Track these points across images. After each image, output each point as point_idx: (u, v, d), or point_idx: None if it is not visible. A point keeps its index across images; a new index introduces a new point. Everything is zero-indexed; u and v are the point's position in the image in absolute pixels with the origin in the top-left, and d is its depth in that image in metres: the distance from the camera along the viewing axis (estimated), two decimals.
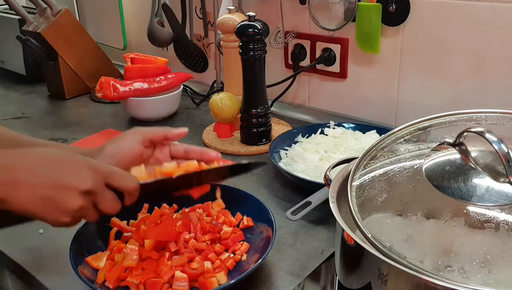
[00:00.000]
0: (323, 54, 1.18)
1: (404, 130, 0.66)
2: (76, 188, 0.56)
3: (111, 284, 0.68)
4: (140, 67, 1.29)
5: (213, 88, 1.41)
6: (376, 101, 1.15)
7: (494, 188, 0.53)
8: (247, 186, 0.95)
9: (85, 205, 0.57)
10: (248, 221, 0.79)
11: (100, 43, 1.57)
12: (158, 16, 1.43)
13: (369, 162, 0.62)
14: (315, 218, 0.85)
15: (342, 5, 1.08)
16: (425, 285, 0.47)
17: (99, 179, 0.58)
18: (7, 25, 1.57)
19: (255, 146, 1.10)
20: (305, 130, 1.09)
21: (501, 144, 0.53)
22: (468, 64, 0.99)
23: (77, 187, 0.56)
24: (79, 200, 0.56)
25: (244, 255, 0.74)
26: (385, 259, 0.48)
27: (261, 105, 1.09)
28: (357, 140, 1.02)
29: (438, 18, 1.00)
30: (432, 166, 0.58)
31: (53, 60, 1.45)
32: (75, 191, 0.56)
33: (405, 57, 1.07)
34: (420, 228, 0.53)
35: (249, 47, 1.03)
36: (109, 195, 0.59)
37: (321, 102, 1.26)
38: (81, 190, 0.56)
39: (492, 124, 0.63)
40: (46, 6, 1.42)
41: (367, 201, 0.57)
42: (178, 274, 0.68)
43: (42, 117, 1.37)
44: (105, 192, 0.59)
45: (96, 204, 0.59)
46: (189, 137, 1.18)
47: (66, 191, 0.55)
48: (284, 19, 1.21)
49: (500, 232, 0.49)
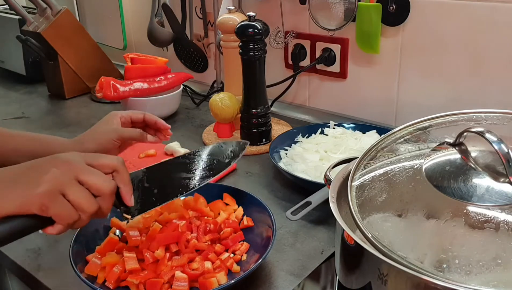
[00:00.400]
0: (323, 54, 1.18)
1: (404, 130, 0.66)
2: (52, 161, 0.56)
3: (111, 284, 0.68)
4: (140, 67, 1.29)
5: (213, 88, 1.41)
6: (376, 101, 1.15)
7: (494, 188, 0.53)
8: (247, 186, 0.95)
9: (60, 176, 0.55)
10: (248, 221, 0.79)
11: (100, 43, 1.57)
12: (158, 16, 1.43)
13: (369, 162, 0.62)
14: (315, 218, 0.85)
15: (342, 5, 1.08)
16: (425, 285, 0.47)
17: (79, 157, 0.58)
18: (7, 25, 1.57)
19: (255, 146, 1.10)
20: (305, 130, 1.09)
21: (501, 144, 0.53)
22: (468, 64, 0.99)
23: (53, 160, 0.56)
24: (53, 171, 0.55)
25: (244, 255, 0.74)
26: (385, 259, 0.48)
27: (261, 105, 1.09)
28: (357, 140, 1.02)
29: (438, 18, 1.00)
30: (432, 166, 0.58)
31: (53, 60, 1.46)
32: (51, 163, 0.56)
33: (405, 57, 1.07)
34: (420, 228, 0.53)
35: (249, 47, 1.03)
36: (95, 170, 0.58)
37: (321, 102, 1.26)
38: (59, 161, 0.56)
39: (492, 124, 0.63)
40: (46, 6, 1.42)
41: (367, 201, 0.57)
42: (178, 274, 0.68)
43: (42, 117, 1.37)
44: (89, 168, 0.57)
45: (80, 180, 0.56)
46: (189, 137, 1.19)
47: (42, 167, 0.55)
48: (284, 19, 1.21)
49: (500, 232, 0.49)
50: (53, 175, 0.54)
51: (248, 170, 1.02)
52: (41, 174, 0.54)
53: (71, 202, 0.55)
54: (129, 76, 1.27)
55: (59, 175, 0.54)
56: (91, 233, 0.76)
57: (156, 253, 0.70)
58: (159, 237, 0.72)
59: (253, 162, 1.05)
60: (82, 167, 0.57)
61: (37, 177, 0.54)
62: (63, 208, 0.54)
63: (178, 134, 1.22)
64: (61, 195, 0.54)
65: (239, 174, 1.01)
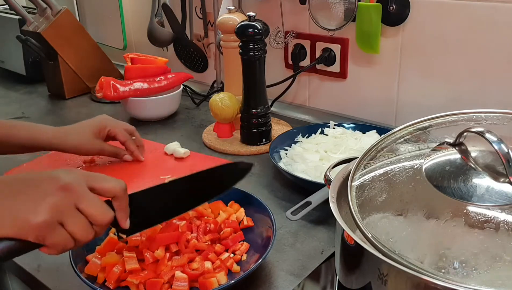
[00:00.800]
0: (323, 54, 1.18)
1: (404, 130, 0.66)
2: (50, 184, 0.54)
3: (111, 284, 0.68)
4: (140, 67, 1.29)
5: (213, 88, 1.41)
6: (376, 101, 1.15)
7: (494, 188, 0.53)
8: (247, 186, 0.95)
9: (62, 202, 0.53)
10: (248, 221, 0.79)
11: (100, 43, 1.57)
12: (158, 16, 1.43)
13: (369, 162, 0.62)
14: (315, 218, 0.85)
15: (342, 5, 1.08)
16: (425, 285, 0.47)
17: (81, 179, 0.56)
18: (7, 25, 1.57)
19: (255, 146, 1.10)
20: (305, 130, 1.09)
21: (501, 144, 0.53)
22: (468, 64, 0.99)
23: (51, 183, 0.54)
24: (55, 196, 0.53)
25: (244, 255, 0.74)
26: (385, 259, 0.48)
27: (261, 105, 1.09)
28: (357, 140, 1.02)
29: (438, 18, 1.00)
30: (432, 166, 0.58)
31: (53, 60, 1.46)
32: (50, 187, 0.53)
33: (405, 57, 1.07)
34: (420, 228, 0.53)
35: (249, 47, 1.03)
36: (95, 198, 0.56)
37: (321, 102, 1.26)
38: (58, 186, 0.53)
39: (492, 124, 0.63)
40: (46, 6, 1.42)
41: (367, 201, 0.57)
42: (178, 274, 0.68)
43: (42, 117, 1.37)
44: (89, 194, 0.56)
45: (79, 207, 0.54)
46: (189, 137, 1.19)
47: (39, 188, 0.53)
48: (284, 19, 1.21)
49: (500, 232, 0.49)
50: (52, 202, 0.52)
51: None
52: (41, 198, 0.52)
53: (68, 232, 0.54)
54: (129, 76, 1.27)
55: (59, 202, 0.53)
56: None
57: (156, 253, 0.70)
58: (159, 237, 0.72)
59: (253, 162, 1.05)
60: (83, 194, 0.55)
61: (36, 200, 0.52)
62: (59, 238, 0.53)
63: (178, 134, 1.22)
64: (59, 225, 0.53)
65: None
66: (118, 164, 1.05)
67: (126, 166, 1.04)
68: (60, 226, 0.53)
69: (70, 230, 0.54)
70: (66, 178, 0.54)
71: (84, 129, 0.96)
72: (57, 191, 0.53)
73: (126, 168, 1.04)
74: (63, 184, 0.53)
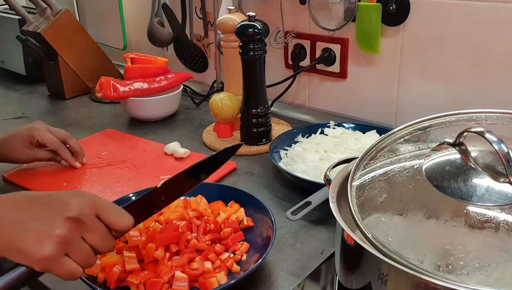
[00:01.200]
0: (323, 54, 1.18)
1: (404, 130, 0.66)
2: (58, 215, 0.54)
3: (111, 284, 0.68)
4: (140, 67, 1.29)
5: (213, 88, 1.41)
6: (376, 101, 1.15)
7: (494, 188, 0.53)
8: (247, 186, 0.95)
9: (69, 234, 0.53)
10: (248, 221, 0.79)
11: (100, 43, 1.57)
12: (158, 16, 1.43)
13: (369, 162, 0.62)
14: (315, 218, 0.85)
15: (342, 5, 1.08)
16: (425, 285, 0.47)
17: (89, 209, 0.56)
18: (7, 25, 1.57)
19: (255, 146, 1.10)
20: (305, 130, 1.09)
21: (501, 144, 0.53)
22: (468, 64, 0.99)
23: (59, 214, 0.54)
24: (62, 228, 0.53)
25: (244, 255, 0.74)
26: (385, 259, 0.48)
27: (261, 105, 1.09)
28: (357, 140, 1.02)
29: (438, 18, 1.00)
30: (432, 166, 0.58)
31: (53, 60, 1.46)
32: (58, 218, 0.54)
33: (405, 57, 1.07)
34: (420, 228, 0.53)
35: (249, 47, 1.03)
36: (100, 227, 0.57)
37: (321, 102, 1.26)
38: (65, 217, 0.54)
39: (492, 124, 0.63)
40: (46, 6, 1.42)
41: (367, 201, 0.57)
42: (178, 274, 0.68)
43: (42, 117, 1.37)
44: (96, 223, 0.56)
45: (84, 237, 0.55)
46: (189, 137, 1.19)
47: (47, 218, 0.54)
48: (284, 19, 1.21)
49: (500, 232, 0.49)
50: (59, 235, 0.53)
51: (248, 170, 1.02)
52: (48, 230, 0.53)
53: (73, 261, 0.55)
54: (129, 76, 1.27)
55: (66, 235, 0.53)
56: None
57: (156, 253, 0.70)
58: (159, 237, 0.72)
59: (253, 162, 1.05)
60: (89, 226, 0.55)
61: (43, 233, 0.53)
62: (64, 269, 0.54)
63: (178, 134, 1.22)
64: (64, 256, 0.54)
65: (239, 174, 1.01)
66: (118, 165, 1.05)
67: (125, 167, 1.04)
68: (65, 257, 0.54)
69: (74, 259, 0.54)
70: (75, 207, 0.54)
71: (13, 140, 0.98)
72: (64, 223, 0.53)
73: (126, 168, 1.04)
74: (71, 215, 0.54)
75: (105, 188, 0.96)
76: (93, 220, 0.56)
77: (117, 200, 0.83)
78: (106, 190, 0.96)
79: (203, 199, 0.83)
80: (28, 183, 0.99)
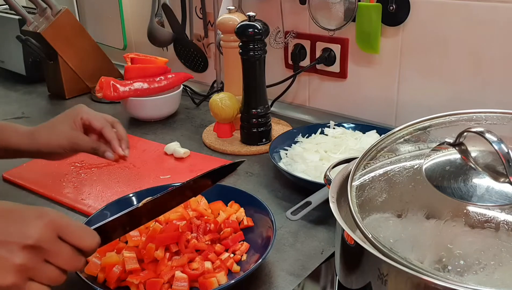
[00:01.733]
0: (323, 54, 1.18)
1: (404, 130, 0.66)
2: (16, 242, 0.51)
3: (111, 284, 0.68)
4: (140, 67, 1.29)
5: (213, 88, 1.41)
6: (376, 101, 1.15)
7: (494, 188, 0.53)
8: (247, 186, 0.95)
9: (28, 262, 0.51)
10: (248, 221, 0.79)
11: (100, 43, 1.57)
12: (158, 16, 1.43)
13: (369, 162, 0.62)
14: (315, 218, 0.85)
15: (342, 5, 1.08)
16: (425, 285, 0.47)
17: (50, 233, 0.53)
18: (7, 25, 1.57)
19: (255, 146, 1.10)
20: (305, 130, 1.09)
21: (501, 144, 0.53)
22: (468, 64, 0.99)
23: (17, 241, 0.51)
24: (20, 256, 0.51)
25: (244, 255, 0.74)
26: (385, 259, 0.48)
27: (261, 105, 1.09)
28: (357, 140, 1.02)
29: (438, 18, 1.00)
30: (432, 166, 0.58)
31: (53, 60, 1.46)
32: (16, 245, 0.51)
33: (405, 57, 1.07)
34: (420, 228, 0.53)
35: (249, 47, 1.03)
36: (64, 249, 0.54)
37: (321, 102, 1.26)
38: (23, 244, 0.51)
39: (492, 124, 0.63)
40: (46, 6, 1.42)
41: (367, 201, 0.57)
42: (178, 274, 0.68)
43: (42, 117, 1.37)
44: (59, 246, 0.54)
45: (48, 260, 0.53)
46: (189, 137, 1.19)
47: (4, 245, 0.51)
48: (284, 19, 1.21)
49: (500, 232, 0.49)
50: (18, 263, 0.51)
51: (248, 170, 1.02)
52: (8, 255, 0.51)
53: (39, 282, 0.53)
54: (129, 76, 1.27)
55: (26, 262, 0.51)
56: None
57: (156, 253, 0.70)
58: (159, 237, 0.72)
59: (253, 162, 1.06)
60: (51, 249, 0.53)
61: (4, 257, 0.51)
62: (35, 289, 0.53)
63: (178, 134, 1.22)
64: (28, 281, 0.52)
65: (239, 174, 1.01)
66: (118, 165, 1.05)
67: (125, 167, 1.04)
68: (30, 281, 0.52)
69: (40, 282, 0.53)
70: (34, 234, 0.52)
71: (55, 121, 0.86)
72: (22, 252, 0.51)
73: (126, 168, 1.04)
74: (30, 243, 0.52)
75: (105, 188, 0.96)
76: (54, 243, 0.53)
77: (117, 200, 0.83)
78: (106, 190, 0.96)
79: (203, 199, 0.83)
80: (28, 183, 0.99)
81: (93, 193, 0.94)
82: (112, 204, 0.82)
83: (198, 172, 1.00)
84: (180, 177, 0.98)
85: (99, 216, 0.79)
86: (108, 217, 0.79)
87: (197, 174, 0.98)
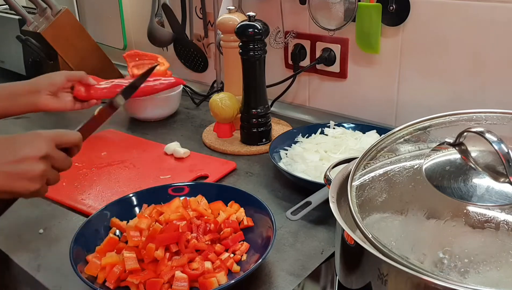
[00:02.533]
0: (323, 54, 1.18)
1: (404, 130, 0.66)
2: (34, 156, 0.65)
3: (111, 284, 0.68)
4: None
5: (213, 88, 1.41)
6: (376, 101, 1.15)
7: (494, 188, 0.53)
8: (247, 186, 0.95)
9: (46, 168, 0.66)
10: (248, 221, 0.79)
11: (100, 43, 1.57)
12: (158, 16, 1.43)
13: (369, 162, 0.62)
14: (315, 218, 0.85)
15: (342, 5, 1.08)
16: (425, 285, 0.47)
17: (52, 144, 0.67)
18: (7, 25, 1.57)
19: (255, 146, 1.10)
20: (305, 130, 1.09)
21: (501, 144, 0.53)
22: (468, 64, 0.99)
23: (34, 155, 0.65)
24: (40, 166, 0.65)
25: (244, 255, 0.74)
26: (385, 259, 0.48)
27: (261, 105, 1.09)
28: (357, 140, 1.02)
29: (438, 18, 1.00)
30: (432, 166, 0.58)
31: (53, 60, 1.45)
32: (34, 159, 0.65)
33: (405, 57, 1.07)
34: (420, 228, 0.53)
35: (249, 47, 1.03)
36: (62, 154, 0.69)
37: (321, 102, 1.26)
38: (39, 157, 0.65)
39: (492, 124, 0.63)
40: (46, 6, 1.42)
41: (367, 201, 0.57)
42: (178, 274, 0.68)
43: (42, 117, 1.37)
44: (58, 153, 0.68)
45: (53, 166, 0.68)
46: (189, 137, 1.19)
47: (26, 161, 0.64)
48: (284, 19, 1.21)
49: (500, 232, 0.49)
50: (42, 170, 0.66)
51: (248, 170, 1.02)
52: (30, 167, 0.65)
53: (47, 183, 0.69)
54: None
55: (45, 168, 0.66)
56: (91, 233, 0.76)
57: (156, 253, 0.70)
58: (159, 237, 0.72)
59: (253, 162, 1.06)
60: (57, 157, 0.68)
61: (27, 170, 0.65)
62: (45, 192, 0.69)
63: (178, 134, 1.22)
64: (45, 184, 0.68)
65: (239, 174, 1.01)
66: (118, 165, 1.05)
67: (125, 167, 1.04)
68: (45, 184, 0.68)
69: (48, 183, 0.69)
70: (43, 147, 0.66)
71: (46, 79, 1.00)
72: (40, 161, 0.65)
73: (126, 168, 1.04)
74: (43, 154, 0.66)
75: (105, 188, 0.96)
76: (56, 151, 0.68)
77: (117, 200, 0.83)
78: (106, 190, 0.96)
79: (203, 199, 0.83)
80: None
81: (93, 193, 0.94)
82: (112, 204, 0.82)
83: (198, 172, 1.00)
84: (180, 177, 0.98)
85: (99, 216, 0.79)
86: (108, 217, 0.80)
87: (197, 174, 0.99)
